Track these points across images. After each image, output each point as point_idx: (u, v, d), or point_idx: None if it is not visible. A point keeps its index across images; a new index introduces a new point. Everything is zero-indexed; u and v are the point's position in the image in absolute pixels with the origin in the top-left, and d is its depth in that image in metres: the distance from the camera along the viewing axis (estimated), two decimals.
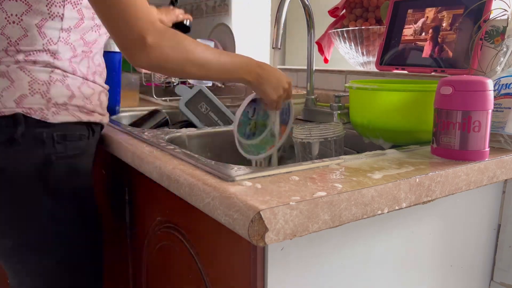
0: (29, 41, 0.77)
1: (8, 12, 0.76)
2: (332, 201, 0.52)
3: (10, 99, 0.76)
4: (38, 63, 0.78)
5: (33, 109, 0.77)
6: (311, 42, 1.16)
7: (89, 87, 0.85)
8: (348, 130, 1.03)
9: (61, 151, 0.80)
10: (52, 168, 0.79)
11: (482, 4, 0.92)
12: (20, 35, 0.77)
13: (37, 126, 0.77)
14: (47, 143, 0.78)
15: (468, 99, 0.66)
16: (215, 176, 0.60)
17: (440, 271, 0.79)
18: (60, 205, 0.81)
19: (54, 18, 0.78)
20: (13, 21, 0.76)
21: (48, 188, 0.79)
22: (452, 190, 0.66)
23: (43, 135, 0.78)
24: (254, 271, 0.56)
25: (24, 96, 0.77)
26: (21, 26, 0.77)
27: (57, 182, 0.80)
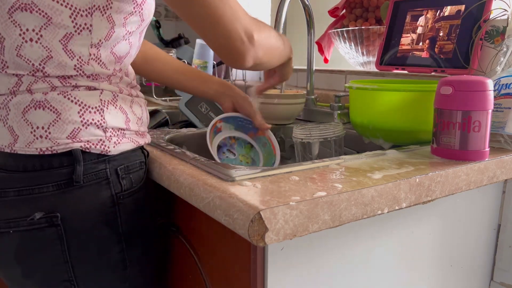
0: (56, 64, 0.62)
1: (22, 27, 0.60)
2: (332, 201, 0.52)
3: (62, 135, 0.62)
4: (79, 86, 0.63)
5: (92, 142, 0.63)
6: (311, 42, 1.16)
7: (137, 104, 0.72)
8: (348, 130, 1.03)
9: (127, 187, 0.68)
10: (120, 209, 0.67)
11: (482, 4, 0.92)
12: (42, 57, 0.61)
13: (98, 162, 0.64)
14: (112, 181, 0.66)
15: (468, 99, 0.66)
16: (215, 176, 0.60)
17: (440, 271, 0.79)
18: (130, 248, 0.69)
19: (81, 32, 0.62)
20: (30, 38, 0.60)
21: (118, 233, 0.67)
22: (452, 190, 0.66)
23: (107, 172, 0.65)
24: (254, 271, 0.56)
25: (77, 130, 0.63)
26: (41, 44, 0.61)
27: (127, 225, 0.68)
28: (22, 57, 0.61)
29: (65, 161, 0.62)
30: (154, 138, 0.86)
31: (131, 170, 0.69)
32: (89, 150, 0.63)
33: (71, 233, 0.64)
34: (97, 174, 0.64)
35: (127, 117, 0.68)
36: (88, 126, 0.63)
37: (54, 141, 0.62)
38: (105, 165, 0.65)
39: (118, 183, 0.66)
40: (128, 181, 0.68)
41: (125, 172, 0.68)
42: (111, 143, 0.65)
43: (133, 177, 0.69)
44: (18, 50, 0.61)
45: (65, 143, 0.62)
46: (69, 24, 0.61)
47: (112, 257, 0.67)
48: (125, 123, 0.68)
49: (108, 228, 0.66)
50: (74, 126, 0.62)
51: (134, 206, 0.69)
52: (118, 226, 0.67)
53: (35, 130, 0.61)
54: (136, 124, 0.70)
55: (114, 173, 0.66)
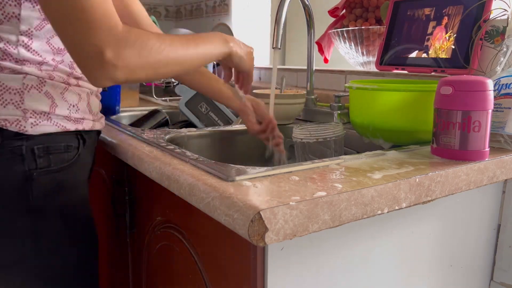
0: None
1: None
2: (332, 201, 0.52)
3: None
4: (4, 68, 0.69)
5: (8, 121, 0.69)
6: (311, 42, 1.16)
7: (73, 92, 0.76)
8: (348, 130, 1.03)
9: (43, 165, 0.72)
10: (33, 185, 0.72)
11: (482, 4, 0.92)
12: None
13: (15, 139, 0.70)
14: (26, 158, 0.71)
15: (468, 99, 0.66)
16: (215, 176, 0.60)
17: (440, 271, 0.79)
18: (43, 223, 0.74)
19: (10, 19, 0.68)
20: None
21: (29, 206, 0.72)
22: (452, 190, 0.66)
23: (22, 149, 0.70)
24: (254, 271, 0.56)
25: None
26: None
27: (39, 200, 0.73)
28: None
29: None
30: (154, 138, 0.86)
31: (51, 151, 0.73)
32: (6, 127, 0.69)
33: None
34: (12, 150, 0.70)
35: (53, 102, 0.73)
36: (6, 105, 0.69)
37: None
38: (22, 143, 0.70)
39: (33, 160, 0.71)
40: (45, 160, 0.72)
41: (43, 152, 0.72)
42: (28, 123, 0.70)
43: (53, 158, 0.74)
44: None
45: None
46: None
47: (23, 227, 0.73)
48: (49, 107, 0.72)
49: (18, 199, 0.71)
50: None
51: (52, 184, 0.74)
52: (29, 199, 0.72)
53: None
54: (67, 110, 0.74)
55: (29, 151, 0.71)
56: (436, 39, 1.01)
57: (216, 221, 0.53)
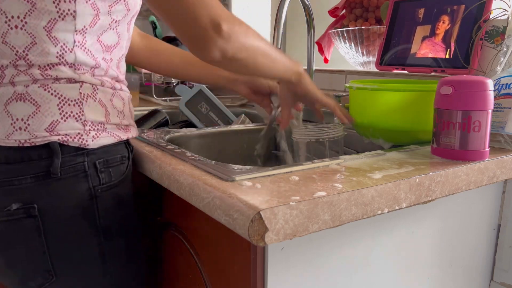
0: (40, 50, 0.63)
1: (8, 14, 0.61)
2: (332, 201, 0.52)
3: (40, 128, 0.63)
4: (60, 78, 0.64)
5: (70, 136, 0.64)
6: (311, 42, 1.16)
7: (119, 97, 0.72)
8: (348, 130, 1.03)
9: (106, 181, 0.68)
10: (98, 202, 0.67)
11: (482, 4, 0.92)
12: (27, 43, 0.62)
13: (76, 155, 0.65)
14: (90, 174, 0.66)
15: (468, 99, 0.66)
16: (215, 176, 0.60)
17: (440, 271, 0.79)
18: (110, 243, 0.70)
19: (65, 17, 0.63)
20: (15, 25, 0.61)
21: (97, 226, 0.68)
22: (452, 190, 0.66)
23: (85, 165, 0.66)
24: (254, 271, 0.56)
25: (56, 122, 0.63)
26: (25, 30, 0.62)
27: (105, 218, 0.69)
28: (7, 44, 0.62)
29: (44, 153, 0.63)
30: (154, 138, 0.86)
31: (111, 164, 0.69)
32: (67, 143, 0.64)
33: (49, 225, 0.65)
34: (74, 167, 0.65)
35: (107, 111, 0.69)
36: (67, 119, 0.64)
37: (32, 133, 0.63)
38: (83, 158, 0.66)
39: (96, 176, 0.67)
40: (107, 175, 0.68)
41: (104, 166, 0.68)
42: (90, 137, 0.66)
43: (113, 171, 0.70)
44: (3, 37, 0.62)
45: (43, 136, 0.63)
46: (53, 9, 0.62)
47: (90, 250, 0.68)
48: (104, 116, 0.68)
49: (85, 220, 0.67)
50: (52, 118, 0.63)
51: (114, 200, 0.70)
52: (96, 219, 0.67)
53: (14, 121, 0.63)
54: (117, 118, 0.70)
55: (92, 167, 0.67)
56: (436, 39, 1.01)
57: (216, 221, 0.53)
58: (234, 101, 1.52)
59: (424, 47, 1.03)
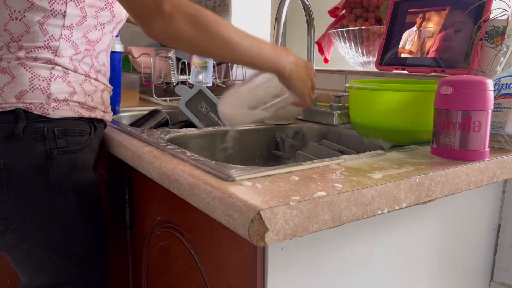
0: (31, 37, 0.78)
1: (11, 9, 0.78)
2: (332, 201, 0.52)
3: (11, 95, 0.77)
4: (39, 59, 0.79)
5: (33, 104, 0.78)
6: (311, 42, 1.16)
7: (91, 84, 0.86)
8: (348, 130, 1.03)
9: (62, 146, 0.80)
10: (53, 162, 0.79)
11: (482, 4, 0.92)
12: (22, 31, 0.78)
13: (38, 121, 0.78)
14: (48, 138, 0.79)
15: (468, 99, 0.66)
16: (215, 176, 0.60)
17: (440, 271, 0.79)
18: (61, 199, 0.81)
19: (57, 16, 0.79)
20: (15, 17, 0.78)
21: (49, 183, 0.79)
22: (452, 190, 0.66)
23: (44, 130, 0.78)
24: (254, 271, 0.56)
25: (24, 92, 0.78)
26: (23, 22, 0.78)
27: (58, 177, 0.80)
28: (7, 31, 0.79)
29: (11, 118, 0.77)
30: (154, 138, 0.86)
31: (69, 133, 0.81)
32: (31, 110, 0.77)
33: (10, 178, 0.77)
34: (35, 131, 0.78)
35: (74, 91, 0.82)
36: (34, 90, 0.78)
37: (4, 99, 0.77)
38: (44, 125, 0.79)
39: (53, 140, 0.79)
40: (64, 141, 0.80)
41: (62, 134, 0.80)
42: (50, 107, 0.79)
43: (71, 139, 0.81)
44: (5, 25, 0.79)
45: (11, 102, 0.77)
46: (48, 8, 0.78)
47: (43, 202, 0.80)
48: (69, 95, 0.81)
49: (39, 176, 0.79)
50: (22, 88, 0.78)
51: (68, 162, 0.81)
52: (49, 176, 0.79)
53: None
54: (83, 98, 0.84)
55: (51, 132, 0.79)
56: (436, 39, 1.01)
57: (216, 221, 0.53)
58: None
59: (424, 47, 1.03)
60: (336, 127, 1.07)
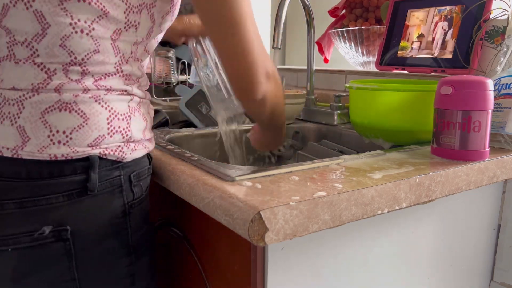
0: (101, 59, 0.57)
1: (74, 17, 0.54)
2: (332, 201, 0.52)
3: (83, 142, 0.56)
4: (113, 90, 0.59)
5: (110, 148, 0.58)
6: (311, 42, 1.16)
7: (150, 108, 0.69)
8: (348, 130, 1.03)
9: (138, 195, 0.63)
10: (130, 219, 0.62)
11: (482, 4, 0.92)
12: (90, 50, 0.56)
13: (113, 169, 0.59)
14: (125, 188, 0.61)
15: (468, 99, 0.66)
16: (215, 176, 0.60)
17: (440, 271, 0.79)
18: (139, 261, 0.65)
19: (129, 29, 0.59)
20: (81, 29, 0.55)
21: (128, 246, 0.62)
22: (452, 190, 0.66)
23: (121, 179, 0.60)
24: (254, 271, 0.56)
25: (102, 138, 0.57)
26: (91, 37, 0.56)
27: (135, 236, 0.63)
28: (65, 47, 0.55)
29: (79, 167, 0.56)
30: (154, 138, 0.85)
31: (141, 177, 0.64)
32: (106, 156, 0.58)
33: (80, 248, 0.57)
34: (111, 182, 0.59)
35: (146, 124, 0.64)
36: (113, 134, 0.58)
37: (73, 148, 0.55)
38: (119, 172, 0.60)
39: (130, 191, 0.61)
40: (139, 189, 0.63)
41: (136, 180, 0.63)
42: (129, 149, 0.60)
43: (143, 184, 0.65)
44: (64, 40, 0.54)
45: (83, 151, 0.56)
46: (122, 19, 0.57)
47: (121, 272, 0.62)
48: (143, 130, 0.63)
49: (117, 240, 0.61)
50: (99, 133, 0.57)
51: (141, 215, 0.64)
52: (128, 238, 0.62)
53: (54, 134, 0.55)
54: (149, 130, 0.66)
55: (127, 181, 0.61)
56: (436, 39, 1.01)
57: (216, 221, 0.53)
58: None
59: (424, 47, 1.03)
60: (336, 127, 1.07)
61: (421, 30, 1.04)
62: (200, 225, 0.69)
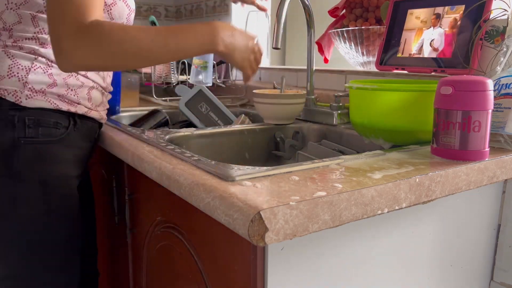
0: (22, 27, 0.80)
1: (9, 1, 0.81)
2: (332, 201, 0.52)
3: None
4: (23, 49, 0.80)
5: (7, 91, 0.78)
6: (311, 42, 1.16)
7: (77, 79, 0.85)
8: (348, 130, 1.03)
9: (31, 135, 0.79)
10: (19, 151, 0.78)
11: (482, 4, 0.92)
12: (14, 21, 0.81)
13: (11, 109, 0.78)
14: (17, 126, 0.78)
15: (468, 99, 0.66)
16: (215, 176, 0.60)
17: (440, 271, 0.79)
18: (23, 188, 0.79)
19: (44, 12, 0.80)
20: (11, 8, 0.81)
21: (11, 171, 0.78)
22: (452, 190, 0.66)
23: (15, 118, 0.78)
24: (254, 271, 0.56)
25: (1, 77, 0.78)
26: (16, 13, 0.81)
27: (22, 165, 0.79)
28: (2, 19, 0.81)
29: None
30: (154, 138, 0.86)
31: (41, 124, 0.80)
32: (4, 97, 0.78)
33: None
34: (6, 118, 0.78)
35: (54, 82, 0.81)
36: (11, 77, 0.79)
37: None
38: (15, 113, 0.78)
39: (22, 129, 0.78)
40: (33, 131, 0.79)
41: (33, 123, 0.79)
42: (23, 95, 0.79)
43: (42, 130, 0.80)
44: (1, 14, 0.81)
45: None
46: (41, 3, 0.80)
47: (5, 189, 0.78)
48: (47, 86, 0.80)
49: (3, 162, 0.78)
50: (1, 74, 0.78)
51: (35, 153, 0.80)
52: (12, 163, 0.78)
53: None
54: (65, 91, 0.82)
55: (21, 121, 0.78)
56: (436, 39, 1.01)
57: (216, 221, 0.53)
58: (234, 101, 1.52)
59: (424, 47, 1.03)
60: (336, 127, 1.07)
61: (421, 30, 1.04)
62: (200, 225, 0.69)
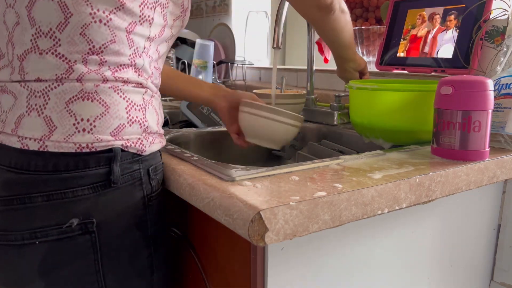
0: (117, 50, 0.60)
1: (94, 7, 0.57)
2: (332, 201, 0.52)
3: (105, 131, 0.58)
4: (129, 82, 0.61)
5: (131, 141, 0.61)
6: (311, 42, 1.16)
7: (161, 105, 0.71)
8: (348, 130, 1.03)
9: (156, 188, 0.66)
10: (149, 211, 0.64)
11: (482, 4, 0.92)
12: (107, 40, 0.59)
13: (133, 162, 0.62)
14: (144, 181, 0.63)
15: (468, 99, 0.66)
16: (215, 176, 0.60)
17: (440, 271, 0.79)
18: (157, 253, 0.66)
19: (143, 23, 0.62)
20: (100, 19, 0.58)
21: (147, 237, 0.64)
22: (452, 190, 0.66)
23: (140, 172, 0.62)
24: (254, 271, 0.56)
25: (122, 127, 0.60)
26: (109, 27, 0.58)
27: (154, 228, 0.65)
28: (85, 36, 0.58)
29: (102, 159, 0.58)
30: None
31: (158, 171, 0.66)
32: (127, 149, 0.60)
33: (104, 240, 0.59)
34: (132, 175, 0.61)
35: (158, 118, 0.67)
36: (132, 123, 0.61)
37: (97, 136, 0.57)
38: (139, 165, 0.62)
39: (149, 184, 0.64)
40: (156, 182, 0.65)
41: (154, 173, 0.65)
42: (148, 142, 0.63)
43: (159, 178, 0.67)
44: (84, 28, 0.57)
45: (107, 140, 0.58)
46: (137, 12, 0.60)
47: (142, 263, 0.64)
48: (157, 124, 0.66)
49: (139, 232, 0.63)
50: (120, 122, 0.59)
51: (159, 208, 0.66)
52: (148, 229, 0.64)
53: (78, 122, 0.57)
54: (161, 126, 0.69)
55: (146, 174, 0.63)
56: (436, 39, 1.01)
57: (216, 221, 0.53)
58: None
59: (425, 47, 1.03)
60: (336, 127, 1.07)
61: (421, 30, 1.04)
62: (200, 225, 0.69)
